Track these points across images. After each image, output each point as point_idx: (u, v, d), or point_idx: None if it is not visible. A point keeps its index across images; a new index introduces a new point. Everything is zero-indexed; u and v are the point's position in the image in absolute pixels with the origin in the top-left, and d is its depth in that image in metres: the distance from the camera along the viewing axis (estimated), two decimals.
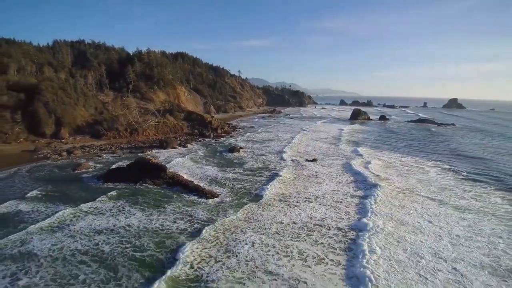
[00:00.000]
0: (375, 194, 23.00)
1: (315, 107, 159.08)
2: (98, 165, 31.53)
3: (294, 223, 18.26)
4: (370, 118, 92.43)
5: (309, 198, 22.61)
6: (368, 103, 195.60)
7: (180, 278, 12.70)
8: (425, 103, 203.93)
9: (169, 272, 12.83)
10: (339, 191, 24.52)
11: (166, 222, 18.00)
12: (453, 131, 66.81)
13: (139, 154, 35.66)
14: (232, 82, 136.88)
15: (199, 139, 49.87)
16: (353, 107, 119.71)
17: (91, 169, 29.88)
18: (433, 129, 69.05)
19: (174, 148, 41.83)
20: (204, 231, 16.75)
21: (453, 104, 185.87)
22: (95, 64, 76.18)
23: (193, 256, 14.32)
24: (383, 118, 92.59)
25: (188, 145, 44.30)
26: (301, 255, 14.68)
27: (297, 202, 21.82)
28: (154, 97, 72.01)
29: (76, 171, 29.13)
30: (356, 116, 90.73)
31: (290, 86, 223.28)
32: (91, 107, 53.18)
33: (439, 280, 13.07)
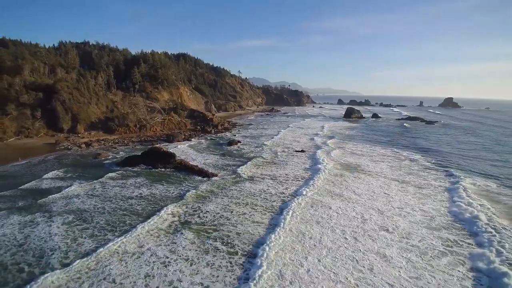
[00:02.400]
0: (320, 174, 28.40)
1: (313, 106, 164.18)
2: (115, 154, 36.58)
3: (265, 191, 23.93)
4: (363, 116, 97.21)
5: (278, 176, 28.36)
6: (366, 102, 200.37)
7: (192, 222, 17.85)
8: (421, 102, 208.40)
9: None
10: (295, 171, 30.09)
11: (182, 191, 23.31)
12: (435, 128, 71.50)
13: (148, 147, 40.60)
14: (232, 82, 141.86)
15: (202, 134, 54.85)
16: (352, 107, 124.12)
17: (109, 157, 34.95)
18: (407, 125, 74.67)
19: (179, 141, 46.80)
20: (209, 197, 22.02)
21: (448, 103, 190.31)
22: (103, 66, 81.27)
23: (201, 209, 19.57)
24: (375, 116, 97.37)
25: (192, 139, 49.31)
26: (255, 207, 20.56)
27: (271, 178, 27.84)
28: (159, 96, 77.08)
29: (97, 159, 34.16)
30: (349, 115, 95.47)
31: (289, 85, 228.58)
32: (102, 105, 58.28)
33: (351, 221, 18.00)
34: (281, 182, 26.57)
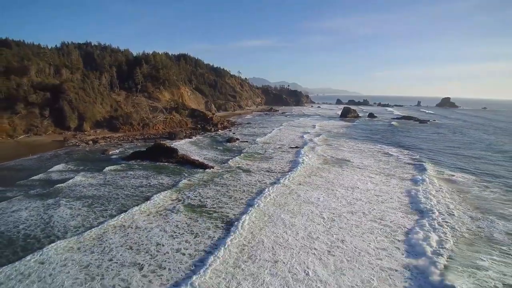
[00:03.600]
0: (302, 167, 31.50)
1: (311, 106, 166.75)
2: (121, 150, 39.16)
3: (259, 181, 26.93)
4: (359, 115, 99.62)
5: (270, 168, 31.63)
6: (364, 102, 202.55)
7: (195, 205, 20.43)
8: (419, 102, 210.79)
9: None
10: (282, 165, 33.11)
11: (186, 180, 26.08)
12: (426, 127, 74.01)
13: (152, 143, 43.13)
14: (232, 82, 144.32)
15: (202, 132, 57.40)
16: (348, 106, 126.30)
17: (116, 152, 37.54)
18: (393, 123, 77.74)
19: (181, 139, 49.31)
20: (209, 185, 24.77)
21: (445, 103, 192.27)
22: (106, 66, 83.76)
23: (201, 195, 22.10)
24: (371, 115, 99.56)
25: (193, 137, 51.85)
26: (251, 192, 22.90)
27: (264, 169, 31.19)
28: (160, 96, 79.63)
29: (105, 154, 36.70)
30: (346, 114, 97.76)
31: (289, 85, 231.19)
32: (107, 105, 60.82)
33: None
34: (274, 172, 29.62)
